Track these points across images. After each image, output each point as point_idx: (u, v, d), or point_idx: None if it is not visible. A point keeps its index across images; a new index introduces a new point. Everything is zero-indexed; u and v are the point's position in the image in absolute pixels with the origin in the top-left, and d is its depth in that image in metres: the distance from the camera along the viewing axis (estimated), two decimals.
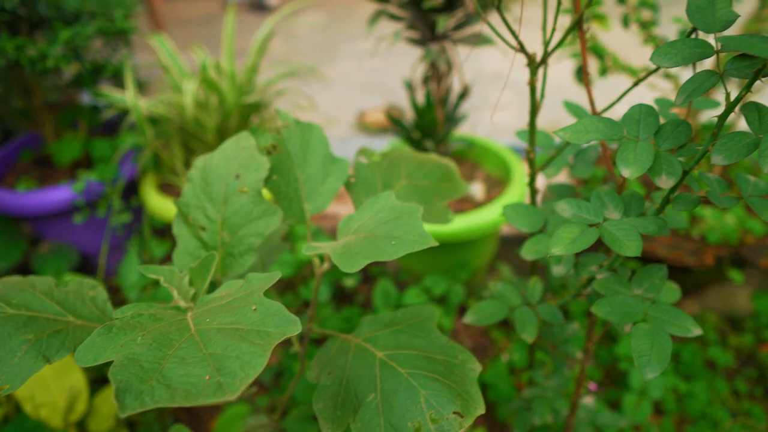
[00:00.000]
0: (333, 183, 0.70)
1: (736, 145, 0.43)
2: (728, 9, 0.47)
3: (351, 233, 0.59)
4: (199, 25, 3.68)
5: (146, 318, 0.48)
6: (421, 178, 0.75)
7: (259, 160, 0.65)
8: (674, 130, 0.48)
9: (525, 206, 0.67)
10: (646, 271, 0.56)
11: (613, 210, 0.52)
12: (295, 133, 0.71)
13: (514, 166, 1.30)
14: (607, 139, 0.48)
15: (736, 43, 0.37)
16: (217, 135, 1.42)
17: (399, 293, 1.28)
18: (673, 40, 0.46)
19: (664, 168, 0.47)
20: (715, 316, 1.26)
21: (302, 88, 2.49)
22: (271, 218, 0.64)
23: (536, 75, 0.62)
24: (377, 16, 1.07)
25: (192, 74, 1.47)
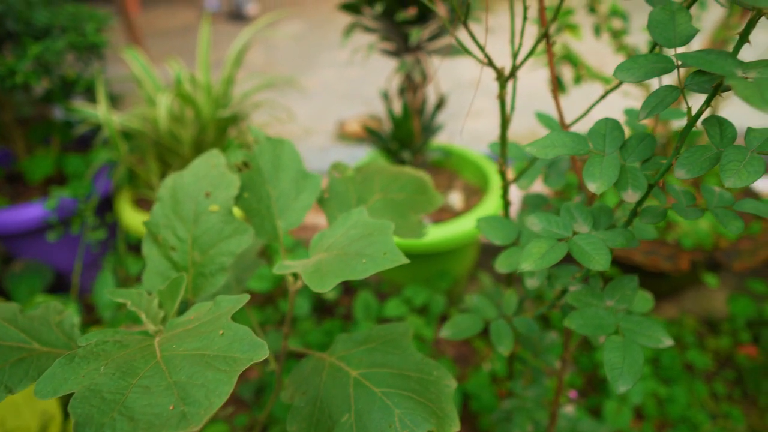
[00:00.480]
0: (306, 199, 0.69)
1: (698, 159, 0.43)
2: (688, 24, 0.47)
3: (323, 250, 0.58)
4: (177, 35, 3.66)
5: (111, 345, 0.47)
6: (396, 191, 0.75)
7: (230, 178, 0.64)
8: (639, 143, 0.49)
9: (498, 219, 0.67)
10: (618, 283, 0.56)
11: (582, 223, 0.52)
12: (266, 150, 0.70)
13: (492, 174, 1.31)
14: (573, 154, 0.48)
15: (693, 60, 0.38)
16: (194, 148, 1.40)
17: (380, 304, 1.27)
18: (636, 56, 0.46)
19: (630, 182, 0.47)
20: (692, 319, 1.28)
21: (281, 99, 2.49)
22: (242, 237, 0.63)
23: (505, 88, 0.62)
24: (351, 28, 1.07)
25: (167, 87, 1.45)
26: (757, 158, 0.41)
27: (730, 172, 0.40)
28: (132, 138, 1.39)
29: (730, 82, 0.34)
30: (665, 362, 1.16)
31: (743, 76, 0.37)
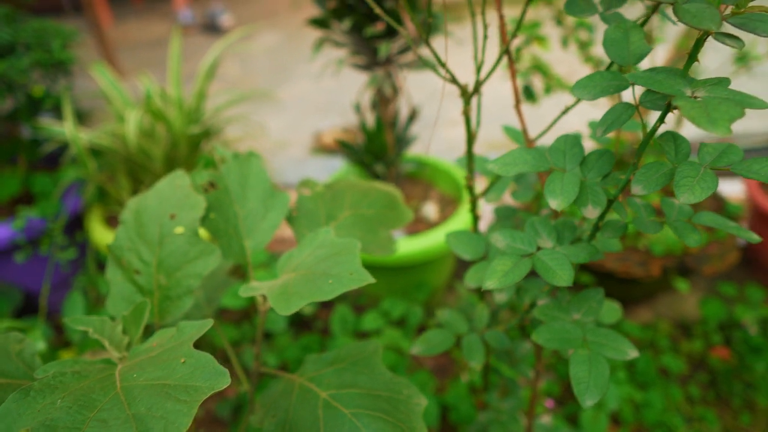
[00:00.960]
0: (274, 218, 0.68)
1: (654, 175, 0.44)
2: (641, 42, 0.48)
3: (291, 270, 0.58)
4: (151, 48, 3.62)
5: (69, 377, 0.46)
6: (366, 207, 0.75)
7: (195, 199, 0.64)
8: (599, 159, 0.49)
9: (467, 234, 0.67)
10: (584, 295, 0.57)
11: (547, 238, 0.52)
12: (233, 169, 0.70)
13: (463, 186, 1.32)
14: (534, 171, 0.48)
15: (643, 80, 0.39)
16: (166, 164, 1.39)
17: (357, 318, 1.26)
18: (592, 73, 0.47)
19: (590, 198, 0.47)
20: (666, 323, 1.30)
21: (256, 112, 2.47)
22: (208, 258, 0.62)
23: (470, 104, 0.63)
24: (321, 43, 1.07)
25: (138, 103, 1.43)
26: (709, 174, 0.42)
27: (684, 188, 0.41)
28: (102, 155, 1.37)
29: (678, 103, 0.35)
30: (641, 367, 1.18)
31: (692, 95, 0.38)
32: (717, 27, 0.35)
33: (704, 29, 0.34)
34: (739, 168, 0.42)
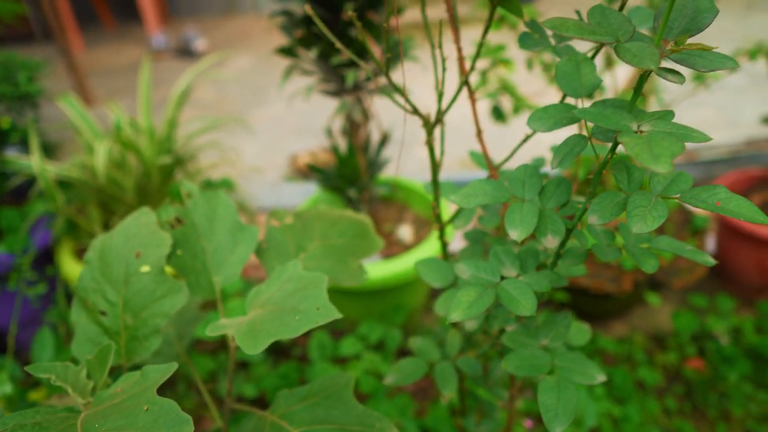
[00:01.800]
0: (243, 251, 0.68)
1: (608, 205, 0.45)
2: (592, 74, 0.50)
3: (259, 306, 0.58)
4: (124, 73, 3.60)
5: (29, 429, 0.45)
6: (335, 237, 0.75)
7: (161, 237, 0.63)
8: (557, 188, 0.50)
9: (436, 261, 0.67)
10: (551, 321, 0.57)
11: (510, 267, 0.53)
12: (200, 204, 0.69)
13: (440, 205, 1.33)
14: (494, 202, 0.49)
15: (590, 116, 0.40)
16: (138, 194, 1.37)
17: (335, 343, 1.25)
18: (546, 106, 0.48)
19: (549, 228, 0.48)
20: (641, 336, 1.31)
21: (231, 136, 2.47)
22: (176, 296, 0.61)
23: (432, 135, 0.64)
24: (289, 71, 1.08)
25: (107, 133, 1.42)
26: (660, 203, 0.43)
27: (637, 218, 0.42)
28: (71, 187, 1.35)
29: (622, 140, 0.36)
30: (618, 382, 1.19)
31: (637, 129, 0.39)
32: (656, 66, 0.36)
33: (644, 68, 0.36)
34: (688, 197, 0.43)
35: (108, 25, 4.54)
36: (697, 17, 0.42)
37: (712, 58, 0.40)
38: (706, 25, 0.42)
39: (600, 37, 0.38)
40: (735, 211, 0.41)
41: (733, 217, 0.40)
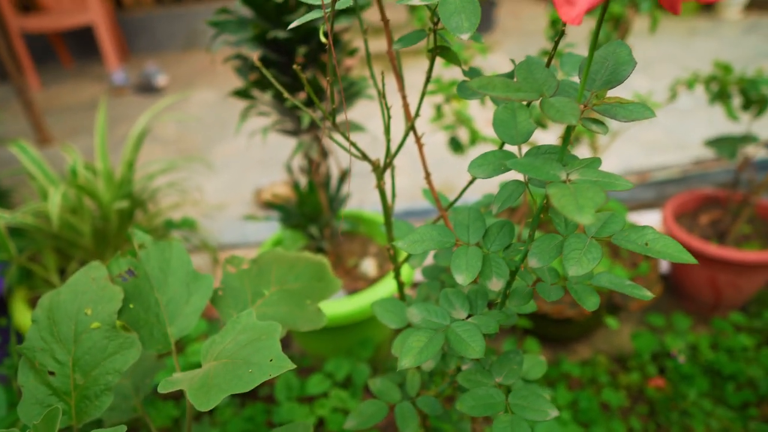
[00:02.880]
0: (197, 301, 0.68)
1: (547, 248, 0.47)
2: (528, 122, 0.52)
3: (213, 358, 0.57)
4: (83, 111, 3.55)
5: None
6: (293, 281, 0.75)
7: (112, 291, 0.62)
8: (500, 231, 0.52)
9: (392, 302, 0.68)
10: (504, 359, 0.59)
11: (460, 309, 0.54)
12: (153, 254, 0.69)
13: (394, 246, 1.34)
14: (440, 248, 0.50)
15: (521, 167, 0.42)
16: (96, 239, 1.34)
17: (302, 382, 1.24)
18: (486, 152, 0.50)
19: (494, 271, 0.50)
20: (605, 357, 1.34)
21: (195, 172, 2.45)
22: (128, 352, 0.60)
23: (383, 179, 0.65)
24: (246, 112, 1.08)
25: (63, 177, 1.39)
26: (594, 245, 0.45)
27: (572, 261, 0.44)
28: (25, 233, 1.32)
29: (549, 192, 0.38)
30: (583, 405, 1.20)
31: (566, 178, 0.41)
32: (577, 121, 0.38)
33: (566, 123, 0.38)
34: (619, 238, 0.45)
35: (66, 63, 4.48)
36: (617, 69, 0.45)
37: (632, 109, 0.42)
38: (626, 77, 0.44)
39: (525, 94, 0.40)
40: (662, 251, 0.43)
41: (660, 257, 0.42)
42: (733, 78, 1.31)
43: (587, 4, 0.34)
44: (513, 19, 4.48)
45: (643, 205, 1.92)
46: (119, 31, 4.43)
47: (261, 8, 0.96)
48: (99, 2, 3.91)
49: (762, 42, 3.48)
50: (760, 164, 1.95)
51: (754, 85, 1.28)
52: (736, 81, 1.31)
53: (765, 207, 1.43)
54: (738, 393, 1.20)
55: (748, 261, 1.27)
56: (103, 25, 3.93)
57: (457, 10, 0.45)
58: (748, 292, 1.38)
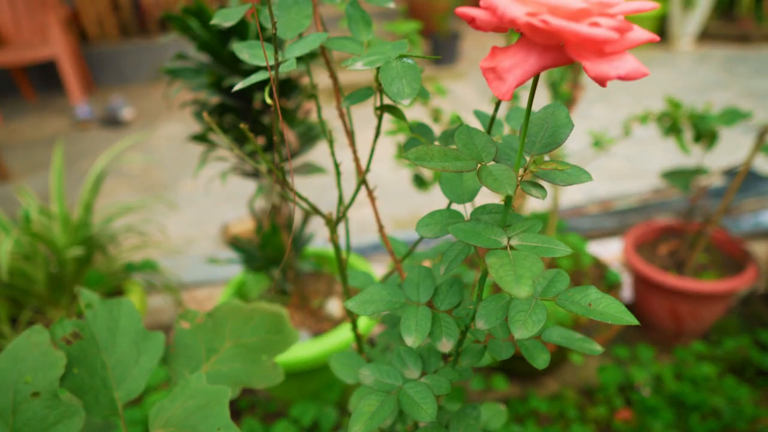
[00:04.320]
0: (147, 362, 0.65)
1: (493, 309, 0.47)
2: (474, 180, 0.52)
3: (161, 426, 0.55)
4: (46, 145, 3.47)
5: None
6: (248, 335, 0.73)
7: (54, 357, 0.60)
8: (450, 289, 0.52)
9: (350, 356, 0.67)
10: (461, 414, 0.58)
11: (413, 368, 0.53)
12: (101, 314, 0.66)
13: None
14: (390, 309, 0.50)
15: (463, 234, 0.42)
16: (50, 285, 1.30)
17: (268, 428, 1.21)
18: (433, 212, 0.50)
19: (444, 331, 0.49)
20: (572, 391, 1.34)
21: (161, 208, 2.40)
22: (70, 421, 0.58)
23: (336, 233, 0.65)
24: (204, 157, 1.07)
25: (16, 222, 1.35)
26: (540, 306, 0.45)
27: (518, 323, 0.44)
28: None
29: (488, 261, 0.38)
30: None
31: (507, 244, 0.42)
32: (513, 191, 0.39)
33: (502, 194, 0.38)
34: (563, 299, 0.45)
35: (29, 97, 4.39)
36: (556, 132, 0.45)
37: (570, 173, 0.43)
38: (564, 140, 0.45)
39: (464, 163, 0.41)
40: (604, 312, 0.44)
41: (602, 319, 0.43)
42: (683, 113, 1.36)
43: (517, 81, 0.35)
44: (478, 50, 4.59)
45: (605, 233, 1.96)
46: (84, 64, 4.38)
47: (217, 54, 0.96)
48: (62, 35, 3.87)
49: (713, 72, 3.65)
50: (715, 191, 2.02)
51: (703, 119, 1.33)
52: (686, 116, 1.36)
53: (720, 237, 1.48)
54: (703, 423, 1.21)
55: (706, 291, 1.30)
56: (66, 58, 3.88)
57: (398, 75, 0.46)
58: (709, 320, 1.41)
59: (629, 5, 0.31)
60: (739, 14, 4.06)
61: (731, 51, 3.93)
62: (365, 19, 0.58)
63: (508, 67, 0.35)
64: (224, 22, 0.55)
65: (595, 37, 0.30)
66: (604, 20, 0.31)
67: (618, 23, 0.31)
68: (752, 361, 1.33)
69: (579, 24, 0.31)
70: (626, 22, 0.32)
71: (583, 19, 0.31)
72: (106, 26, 4.42)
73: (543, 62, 0.34)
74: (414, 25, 1.25)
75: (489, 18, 0.34)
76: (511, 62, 0.35)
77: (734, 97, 3.22)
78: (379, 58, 0.48)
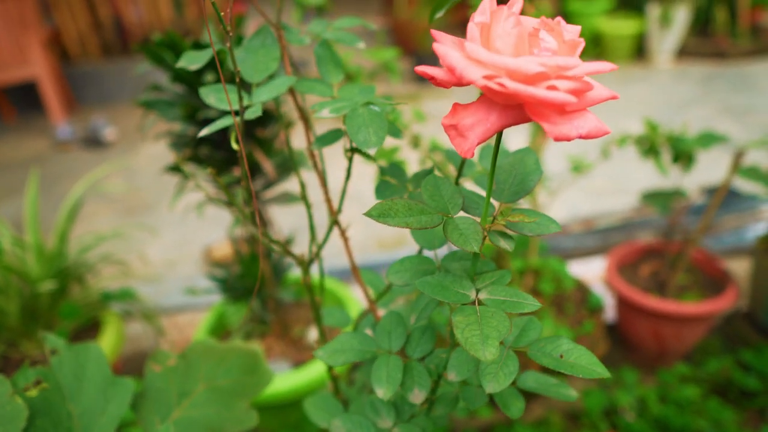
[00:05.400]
0: (115, 410, 0.63)
1: (465, 360, 0.46)
2: None
3: None
4: (25, 167, 3.42)
5: None
6: (222, 376, 0.71)
7: (16, 408, 0.57)
8: (422, 336, 0.51)
9: (326, 399, 0.65)
10: None
11: (386, 417, 0.52)
12: (67, 361, 0.64)
13: (348, 302, 1.32)
14: (360, 359, 0.49)
15: (429, 287, 0.41)
16: (24, 318, 1.27)
17: None
18: (404, 258, 0.49)
19: (416, 381, 0.48)
20: (558, 416, 1.33)
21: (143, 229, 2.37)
22: None
23: (308, 274, 0.63)
24: (181, 188, 1.06)
25: None
26: (512, 358, 0.44)
27: (489, 376, 0.43)
28: None
29: (454, 321, 0.37)
30: None
31: (474, 298, 0.41)
32: (479, 247, 0.38)
33: (468, 250, 0.38)
34: (535, 350, 0.44)
35: (7, 117, 4.34)
36: (525, 179, 0.45)
37: (538, 223, 0.42)
38: (533, 187, 0.45)
39: (428, 218, 0.40)
40: (575, 364, 0.43)
41: (573, 372, 0.42)
42: (661, 135, 1.37)
43: (478, 139, 0.34)
44: None
45: (588, 252, 1.97)
46: (65, 84, 4.34)
47: (192, 86, 0.95)
48: (43, 55, 3.84)
49: (691, 88, 3.71)
50: (696, 209, 2.04)
51: (681, 141, 1.35)
52: (664, 138, 1.37)
53: (700, 257, 1.48)
54: None
55: (687, 314, 1.30)
56: (47, 78, 3.85)
57: (364, 123, 0.45)
58: (691, 341, 1.41)
59: (588, 67, 0.31)
60: (715, 32, 4.15)
61: (708, 68, 4.00)
62: (335, 60, 0.57)
63: (469, 125, 0.34)
64: (190, 65, 0.54)
65: (552, 101, 0.30)
66: (562, 83, 0.31)
67: (576, 85, 0.31)
68: (735, 382, 1.33)
69: (537, 87, 0.30)
70: (585, 83, 0.32)
71: (540, 82, 0.31)
72: (88, 45, 4.39)
73: (504, 120, 0.34)
74: (392, 52, 1.26)
75: (449, 77, 0.33)
76: (472, 120, 0.34)
77: (712, 114, 3.28)
78: (346, 105, 0.47)
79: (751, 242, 1.88)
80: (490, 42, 0.33)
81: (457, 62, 0.32)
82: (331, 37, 0.58)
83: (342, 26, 0.61)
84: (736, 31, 4.11)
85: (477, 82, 0.31)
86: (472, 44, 0.31)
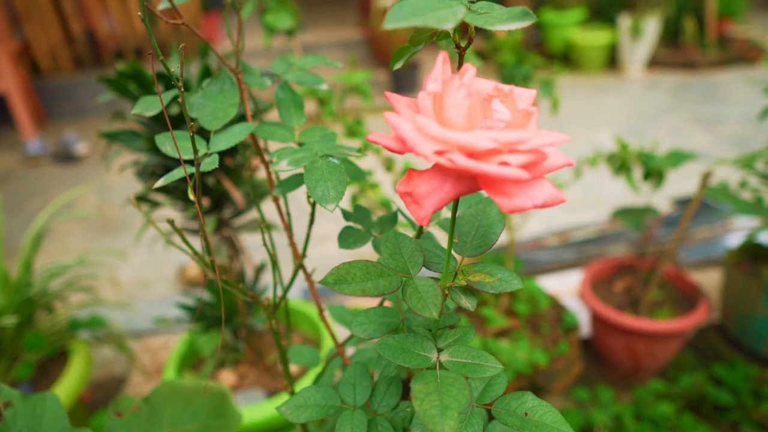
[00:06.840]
0: None
1: None
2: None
3: None
4: None
5: None
6: (188, 421, 0.69)
7: None
8: (387, 389, 0.50)
9: None
10: None
11: None
12: (22, 412, 0.62)
13: (323, 328, 1.30)
14: (324, 416, 0.48)
15: (390, 350, 0.40)
16: None
17: None
18: (368, 309, 0.48)
19: None
20: None
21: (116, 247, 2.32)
22: None
23: (274, 318, 0.62)
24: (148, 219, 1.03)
25: None
26: (477, 414, 0.43)
27: None
28: None
29: (413, 389, 0.36)
30: None
31: (436, 359, 0.40)
32: (438, 313, 0.37)
33: (427, 316, 0.37)
34: (500, 407, 0.44)
35: None
36: (488, 232, 0.44)
37: (501, 280, 0.42)
38: (495, 241, 0.44)
39: (386, 282, 0.39)
40: (540, 422, 0.42)
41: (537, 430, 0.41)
42: (632, 153, 1.39)
43: (433, 208, 0.33)
44: None
45: (564, 266, 1.98)
46: (35, 98, 4.25)
47: (157, 117, 0.93)
48: (12, 69, 3.75)
49: (663, 98, 3.78)
50: (669, 220, 2.07)
51: (651, 159, 1.37)
52: (635, 155, 1.39)
53: (672, 273, 1.50)
54: None
55: (660, 331, 1.31)
56: (16, 92, 3.76)
57: (323, 177, 0.44)
58: (665, 357, 1.43)
59: (540, 140, 0.31)
60: (684, 42, 4.24)
61: (678, 78, 4.09)
62: (296, 103, 0.56)
63: (424, 193, 0.34)
64: (145, 112, 0.53)
65: (504, 177, 0.29)
66: (515, 157, 0.30)
67: (529, 158, 0.31)
68: (708, 397, 1.35)
69: (488, 164, 0.30)
70: (540, 153, 0.31)
71: (492, 158, 0.30)
72: (60, 59, 4.31)
73: (458, 190, 0.33)
74: (365, 75, 1.25)
75: (401, 147, 0.33)
76: (427, 188, 0.34)
77: (683, 123, 3.34)
78: (305, 156, 0.46)
79: (723, 253, 1.91)
80: (443, 112, 0.32)
81: (408, 135, 0.31)
82: (293, 79, 0.57)
83: (305, 65, 0.60)
84: (705, 41, 4.21)
85: (428, 157, 0.30)
86: (422, 118, 0.31)
